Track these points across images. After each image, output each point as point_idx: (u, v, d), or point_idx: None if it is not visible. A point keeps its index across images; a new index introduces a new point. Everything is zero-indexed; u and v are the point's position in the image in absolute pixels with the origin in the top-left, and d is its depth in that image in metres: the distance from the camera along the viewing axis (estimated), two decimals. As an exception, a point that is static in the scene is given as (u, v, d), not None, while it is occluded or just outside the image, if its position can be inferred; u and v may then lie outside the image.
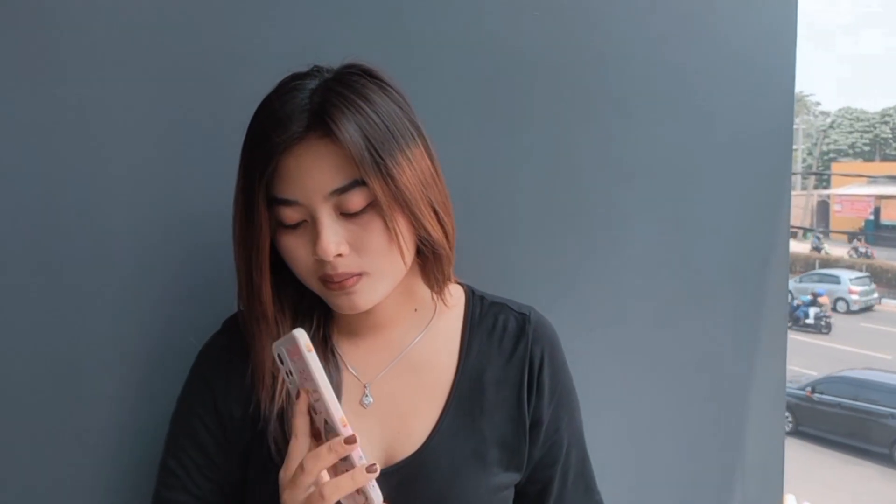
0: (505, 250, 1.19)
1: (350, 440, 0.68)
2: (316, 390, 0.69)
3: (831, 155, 39.85)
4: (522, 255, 1.20)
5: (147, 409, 0.96)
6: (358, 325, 0.87)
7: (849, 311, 18.20)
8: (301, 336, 0.69)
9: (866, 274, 19.84)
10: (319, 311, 0.85)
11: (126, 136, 0.95)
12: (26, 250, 0.92)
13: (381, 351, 0.87)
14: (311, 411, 0.70)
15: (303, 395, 0.70)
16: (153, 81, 0.96)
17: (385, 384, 0.85)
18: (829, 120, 42.49)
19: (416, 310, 0.88)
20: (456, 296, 0.90)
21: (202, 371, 0.87)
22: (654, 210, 1.29)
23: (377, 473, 0.69)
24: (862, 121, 40.19)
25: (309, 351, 0.69)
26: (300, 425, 0.70)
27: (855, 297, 18.34)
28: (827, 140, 40.32)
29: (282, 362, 0.72)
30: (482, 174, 1.15)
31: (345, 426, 0.68)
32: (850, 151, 39.54)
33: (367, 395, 0.84)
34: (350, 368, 0.86)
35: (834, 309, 18.11)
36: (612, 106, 1.25)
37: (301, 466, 0.68)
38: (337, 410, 0.68)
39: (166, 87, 0.96)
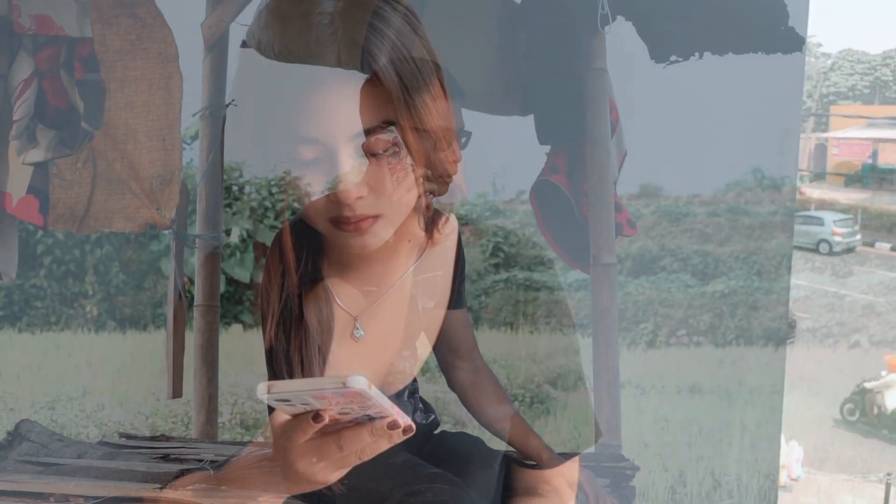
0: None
1: (408, 429, 0.64)
2: (371, 407, 0.62)
3: (831, 97, 39.63)
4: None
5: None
6: (349, 257, 0.82)
7: (831, 253, 18.49)
8: (360, 381, 0.60)
9: (850, 216, 20.06)
10: (308, 244, 0.82)
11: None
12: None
13: (372, 283, 0.83)
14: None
15: (323, 419, 0.63)
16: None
17: (376, 317, 0.82)
18: (830, 62, 42.08)
19: (409, 241, 0.84)
20: (450, 225, 0.88)
21: None
22: (661, 146, 1.27)
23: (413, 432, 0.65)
24: (863, 63, 39.81)
25: (371, 388, 0.61)
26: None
27: (838, 238, 18.55)
28: (827, 82, 39.99)
29: (287, 400, 0.63)
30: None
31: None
32: (850, 94, 39.34)
33: (357, 329, 0.81)
34: (339, 302, 0.82)
35: (816, 250, 18.40)
36: (619, 49, 1.22)
37: (339, 446, 0.63)
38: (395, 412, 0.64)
39: None
